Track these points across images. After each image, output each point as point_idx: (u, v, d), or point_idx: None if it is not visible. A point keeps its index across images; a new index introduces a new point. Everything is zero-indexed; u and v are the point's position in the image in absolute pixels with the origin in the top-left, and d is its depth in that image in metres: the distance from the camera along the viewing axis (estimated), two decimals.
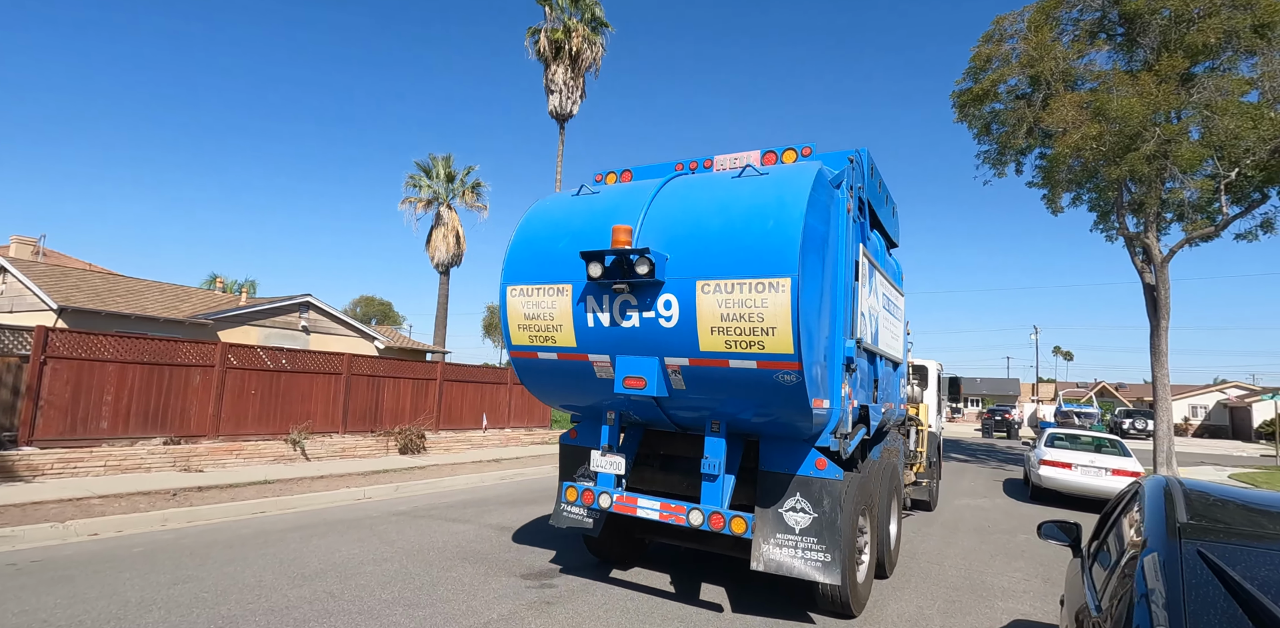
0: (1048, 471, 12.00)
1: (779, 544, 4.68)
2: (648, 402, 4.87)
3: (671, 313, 4.45)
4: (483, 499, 9.69)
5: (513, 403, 18.55)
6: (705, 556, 6.67)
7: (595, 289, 4.71)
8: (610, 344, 4.75)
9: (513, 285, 5.13)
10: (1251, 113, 14.56)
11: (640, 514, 4.87)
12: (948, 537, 8.66)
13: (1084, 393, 61.86)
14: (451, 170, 33.57)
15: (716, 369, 4.39)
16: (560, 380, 5.21)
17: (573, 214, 5.22)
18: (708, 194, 4.78)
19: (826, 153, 5.54)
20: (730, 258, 4.29)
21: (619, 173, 6.12)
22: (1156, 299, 16.60)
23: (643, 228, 4.73)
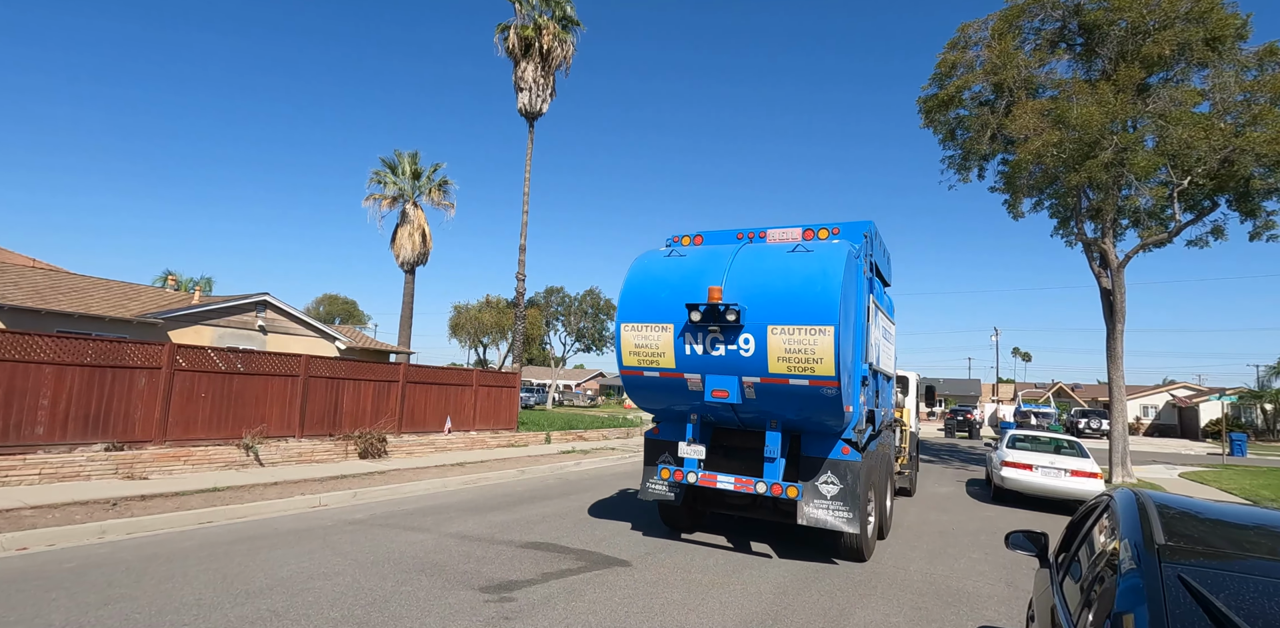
0: (1009, 472, 12.17)
1: (816, 506, 6.87)
2: (726, 407, 7.02)
3: (749, 347, 6.58)
4: (444, 506, 9.42)
5: (478, 405, 18.22)
6: (749, 524, 8.87)
7: (692, 328, 6.81)
8: (701, 366, 6.86)
9: (626, 322, 7.29)
10: (1203, 123, 15.01)
11: (719, 486, 7.00)
12: (924, 514, 8.85)
13: (1042, 393, 63.54)
14: (418, 167, 32.99)
15: (780, 385, 6.53)
16: (660, 392, 7.31)
17: (669, 271, 7.30)
18: (771, 263, 6.88)
19: (846, 223, 7.65)
20: (791, 311, 6.43)
21: (692, 236, 8.22)
22: (1113, 303, 17.02)
23: (726, 286, 6.75)
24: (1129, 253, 17.03)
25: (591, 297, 52.30)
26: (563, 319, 52.54)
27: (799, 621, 5.18)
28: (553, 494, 10.88)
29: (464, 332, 38.41)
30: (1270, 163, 14.35)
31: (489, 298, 41.01)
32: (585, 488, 11.81)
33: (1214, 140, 14.79)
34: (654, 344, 7.08)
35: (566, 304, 51.88)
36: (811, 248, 6.92)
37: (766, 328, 6.50)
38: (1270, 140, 14.22)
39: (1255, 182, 14.85)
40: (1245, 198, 15.67)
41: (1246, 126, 14.78)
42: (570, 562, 6.46)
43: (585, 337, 52.70)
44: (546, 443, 19.56)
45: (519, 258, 32.22)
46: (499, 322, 37.33)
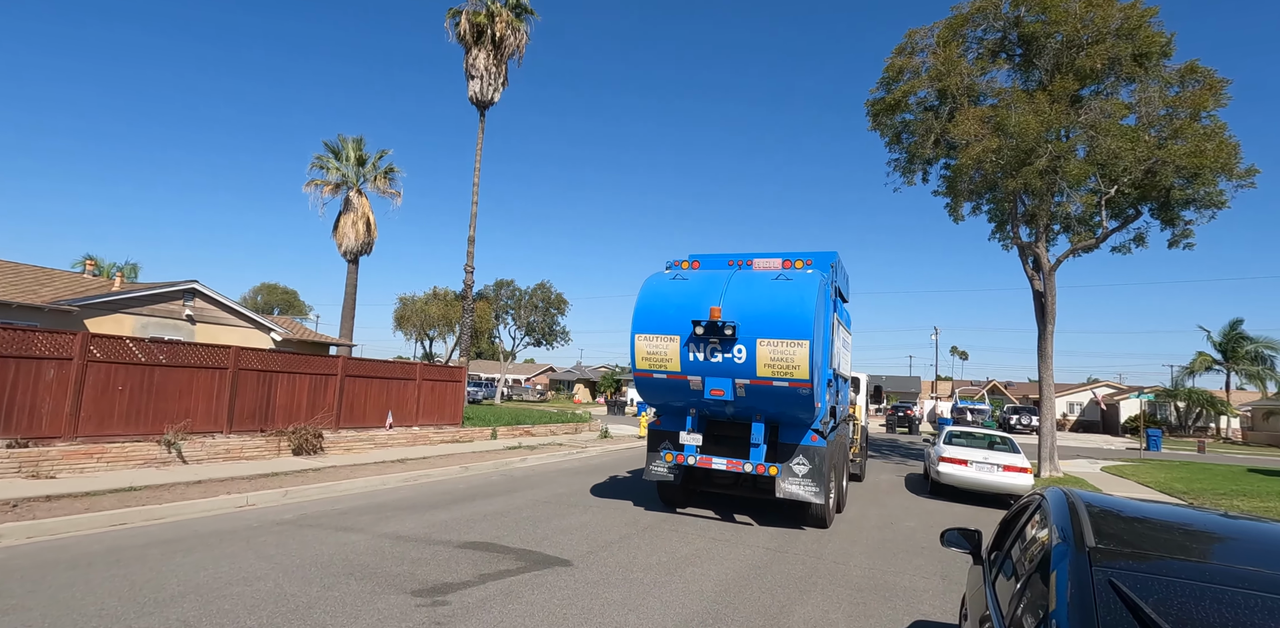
0: (946, 467, 12.55)
1: (790, 482, 8.55)
2: (720, 403, 8.62)
3: (742, 355, 8.20)
4: (381, 505, 9.09)
5: (422, 400, 17.75)
6: (733, 500, 10.55)
7: (695, 339, 8.41)
8: (702, 370, 8.47)
9: (640, 333, 8.82)
10: (1130, 135, 15.75)
11: (714, 466, 8.72)
12: (865, 509, 9.21)
13: (978, 391, 66.15)
14: (363, 153, 31.92)
15: (765, 386, 8.17)
16: (666, 390, 8.93)
17: (675, 291, 8.85)
18: (759, 289, 8.44)
19: (817, 254, 9.42)
20: (776, 328, 8.07)
21: (689, 260, 9.73)
22: (1044, 305, 17.75)
23: (724, 306, 8.32)
24: (1060, 257, 17.78)
25: (543, 290, 51.74)
26: (513, 313, 51.81)
27: (740, 619, 5.17)
28: (496, 492, 10.65)
29: (409, 324, 37.31)
30: (1189, 174, 15.15)
31: (436, 290, 40.11)
32: (530, 485, 11.62)
33: (1139, 152, 15.53)
34: (663, 352, 8.70)
35: (517, 298, 51.18)
36: (791, 277, 8.59)
37: (756, 341, 8.19)
38: (1190, 153, 15.01)
39: (1175, 192, 15.67)
40: (1166, 207, 16.53)
41: (1169, 140, 15.56)
42: (510, 562, 6.30)
43: (535, 331, 52.12)
44: (492, 439, 19.22)
45: (468, 250, 31.60)
46: (446, 314, 36.44)
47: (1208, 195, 15.50)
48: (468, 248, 31.39)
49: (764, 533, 8.50)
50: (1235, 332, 44.76)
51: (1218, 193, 15.39)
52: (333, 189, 31.07)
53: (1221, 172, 15.01)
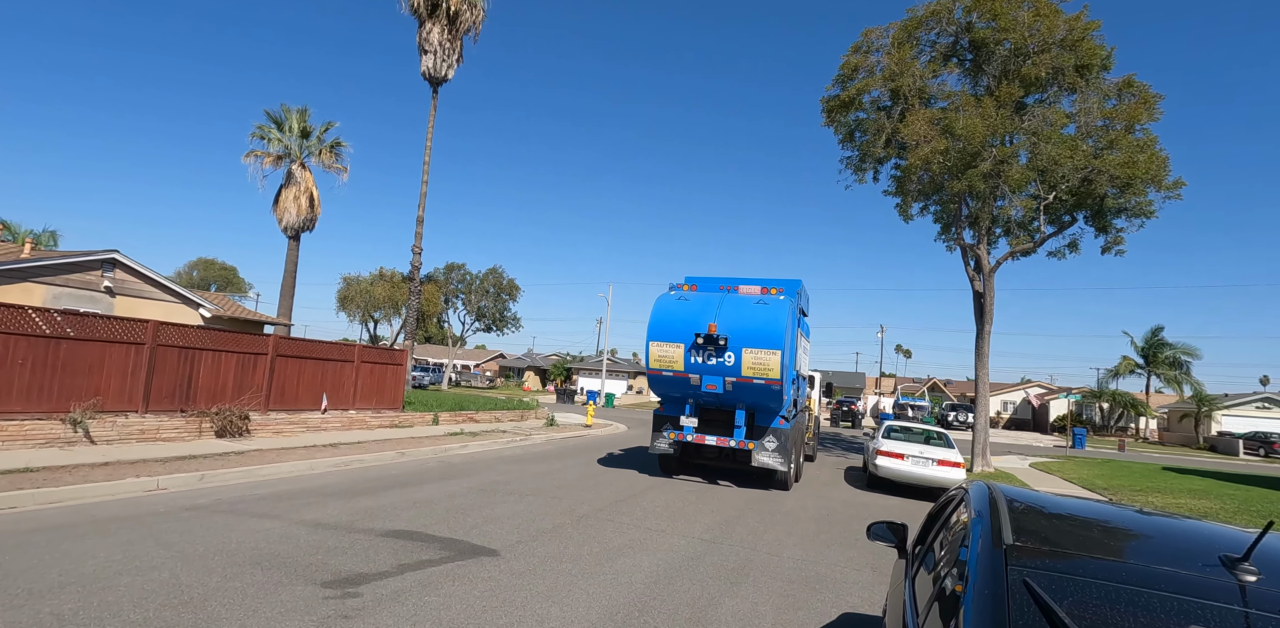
0: (883, 460, 12.78)
1: (763, 454, 11.27)
2: (712, 395, 11.19)
3: (731, 360, 10.75)
4: (305, 490, 8.68)
5: (360, 383, 17.16)
6: (717, 470, 13.40)
7: (696, 347, 10.92)
8: (700, 370, 11.01)
9: (653, 340, 11.38)
10: (1069, 143, 16.27)
11: (707, 442, 11.54)
12: (803, 501, 9.32)
13: (919, 388, 68.26)
14: (307, 125, 30.57)
15: (747, 383, 10.76)
16: (672, 384, 11.51)
17: (679, 310, 11.35)
18: (744, 310, 11.03)
19: (787, 283, 11.98)
20: (757, 340, 10.64)
21: (687, 284, 12.32)
22: (983, 305, 18.26)
23: (718, 322, 10.86)
24: (1000, 259, 18.31)
25: (494, 275, 50.81)
26: (463, 297, 50.76)
27: (667, 611, 5.06)
28: (430, 479, 10.33)
29: (353, 305, 36.00)
30: (1122, 184, 15.75)
31: (383, 270, 38.72)
32: (467, 472, 11.32)
33: (1077, 160, 16.06)
34: (671, 355, 11.31)
35: (468, 282, 50.13)
36: (767, 302, 11.32)
37: (742, 349, 10.92)
38: (1123, 164, 15.59)
39: (1109, 200, 16.28)
40: (1100, 215, 17.17)
41: (1104, 150, 16.13)
42: (433, 552, 6.05)
43: (486, 316, 51.22)
44: (434, 424, 18.75)
45: (416, 230, 30.68)
46: (392, 296, 35.30)
47: (1138, 205, 16.15)
48: (416, 228, 30.49)
49: (700, 524, 8.45)
50: (1156, 338, 47.21)
51: (1147, 203, 16.06)
52: (274, 161, 29.68)
53: (1151, 183, 15.65)
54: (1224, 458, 37.67)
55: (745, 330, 10.91)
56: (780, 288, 11.72)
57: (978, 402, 18.41)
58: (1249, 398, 49.00)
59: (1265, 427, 44.97)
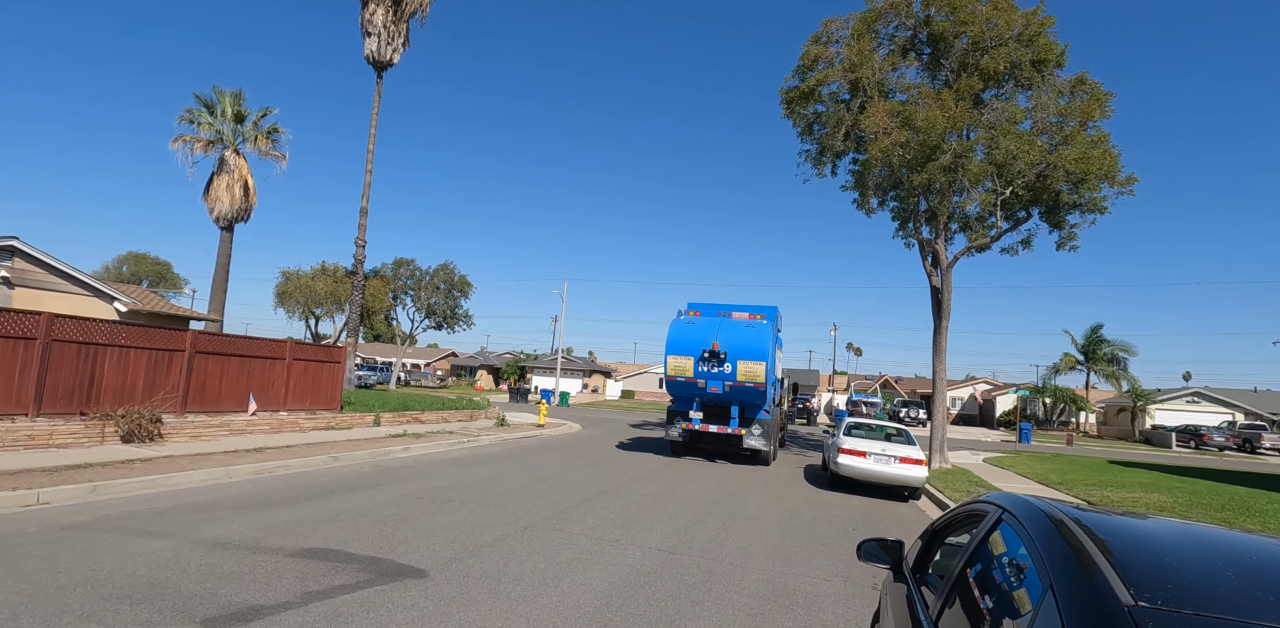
0: (845, 459, 12.38)
1: (751, 439, 15.29)
2: (714, 395, 15.24)
3: (729, 368, 14.75)
4: (214, 502, 7.69)
5: (293, 382, 15.97)
6: (718, 452, 16.89)
7: (703, 359, 14.87)
8: (705, 376, 14.96)
9: (671, 354, 15.23)
10: (1026, 139, 16.24)
11: (711, 430, 15.50)
12: (765, 503, 8.49)
13: (871, 385, 69.32)
14: (242, 109, 28.75)
15: (741, 386, 14.83)
16: (684, 387, 15.40)
17: (689, 331, 15.27)
18: (739, 332, 15.02)
19: (769, 309, 16.21)
20: (748, 354, 14.67)
21: (692, 308, 16.40)
22: (940, 301, 18.16)
23: (719, 340, 14.78)
24: (958, 254, 18.23)
25: (445, 271, 49.19)
26: (412, 294, 49.04)
27: None
28: (362, 486, 9.41)
29: (292, 301, 34.05)
30: (1076, 179, 15.79)
31: (325, 265, 36.74)
32: (406, 477, 10.41)
33: (1032, 156, 16.04)
34: (683, 365, 15.13)
35: (417, 278, 48.42)
36: (754, 326, 15.41)
37: (737, 361, 14.68)
38: (1078, 159, 15.62)
39: (1064, 196, 16.32)
40: (1054, 211, 17.23)
41: (1059, 146, 16.16)
42: (350, 575, 5.22)
43: (437, 313, 49.59)
44: (375, 426, 17.64)
45: (360, 222, 29.31)
46: (335, 292, 33.53)
47: (1092, 200, 16.24)
48: (360, 219, 29.08)
49: (657, 531, 7.81)
50: (1096, 335, 48.86)
51: (1101, 198, 16.15)
52: (205, 147, 27.82)
53: (1105, 178, 15.72)
54: (1159, 450, 39.12)
55: (739, 347, 14.83)
56: (763, 314, 16.10)
57: (935, 398, 18.30)
58: (1180, 393, 51.19)
59: (1195, 420, 47.01)
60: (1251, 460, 35.87)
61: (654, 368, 64.36)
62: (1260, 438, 41.63)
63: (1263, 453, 40.92)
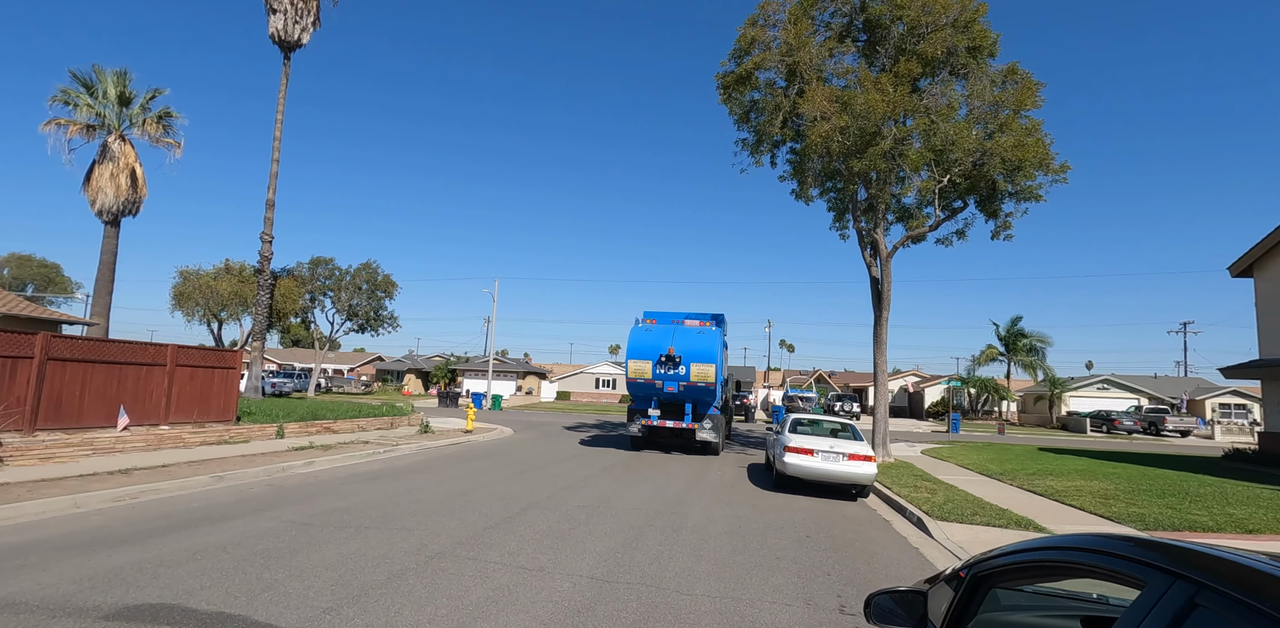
0: (792, 458, 11.64)
1: (703, 433, 17.04)
2: (670, 394, 17.12)
3: (684, 370, 16.70)
4: (35, 542, 6.13)
5: (176, 391, 14.07)
6: (673, 444, 18.45)
7: (660, 362, 16.78)
8: (663, 378, 16.83)
9: (631, 359, 17.15)
10: (963, 127, 16.04)
11: (667, 426, 17.36)
12: (709, 510, 7.44)
13: (805, 380, 70.28)
14: (127, 90, 25.94)
15: (694, 385, 16.81)
16: (643, 388, 17.15)
17: (648, 337, 17.11)
18: (691, 338, 16.92)
19: (717, 315, 18.32)
20: (699, 357, 16.67)
21: (649, 317, 18.36)
22: (881, 292, 17.83)
23: (674, 345, 16.72)
24: (897, 243, 17.97)
25: (368, 271, 46.40)
26: (332, 295, 46.09)
27: None
28: (242, 511, 7.94)
29: (192, 303, 30.96)
30: (1013, 167, 15.68)
31: (229, 263, 33.57)
32: (300, 498, 8.97)
33: (969, 144, 15.85)
34: (643, 368, 16.74)
35: (337, 277, 45.50)
36: (704, 332, 17.02)
37: (690, 363, 16.35)
38: (1014, 146, 15.51)
39: (1000, 184, 16.21)
40: (990, 199, 17.16)
41: (995, 133, 16.03)
42: None
43: (359, 315, 46.77)
44: (278, 438, 15.86)
45: (266, 215, 26.98)
46: (240, 292, 30.66)
47: (1028, 189, 16.18)
48: (266, 213, 26.74)
49: (591, 553, 6.74)
50: (1016, 327, 50.77)
51: (1036, 186, 16.11)
52: (83, 131, 24.93)
53: (1040, 166, 15.67)
54: (1076, 436, 40.85)
55: (692, 351, 16.64)
56: (712, 321, 18.05)
57: (877, 390, 17.96)
58: (1091, 380, 53.92)
59: (1104, 406, 49.54)
60: (1159, 442, 37.87)
61: (590, 368, 63.12)
62: (1164, 421, 44.18)
63: (1166, 435, 43.44)
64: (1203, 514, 10.13)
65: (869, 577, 6.49)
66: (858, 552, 7.65)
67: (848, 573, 6.59)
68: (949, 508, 10.21)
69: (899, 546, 8.22)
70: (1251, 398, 51.52)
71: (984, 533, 8.92)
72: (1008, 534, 8.90)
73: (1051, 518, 9.94)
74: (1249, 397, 51.76)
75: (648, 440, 17.92)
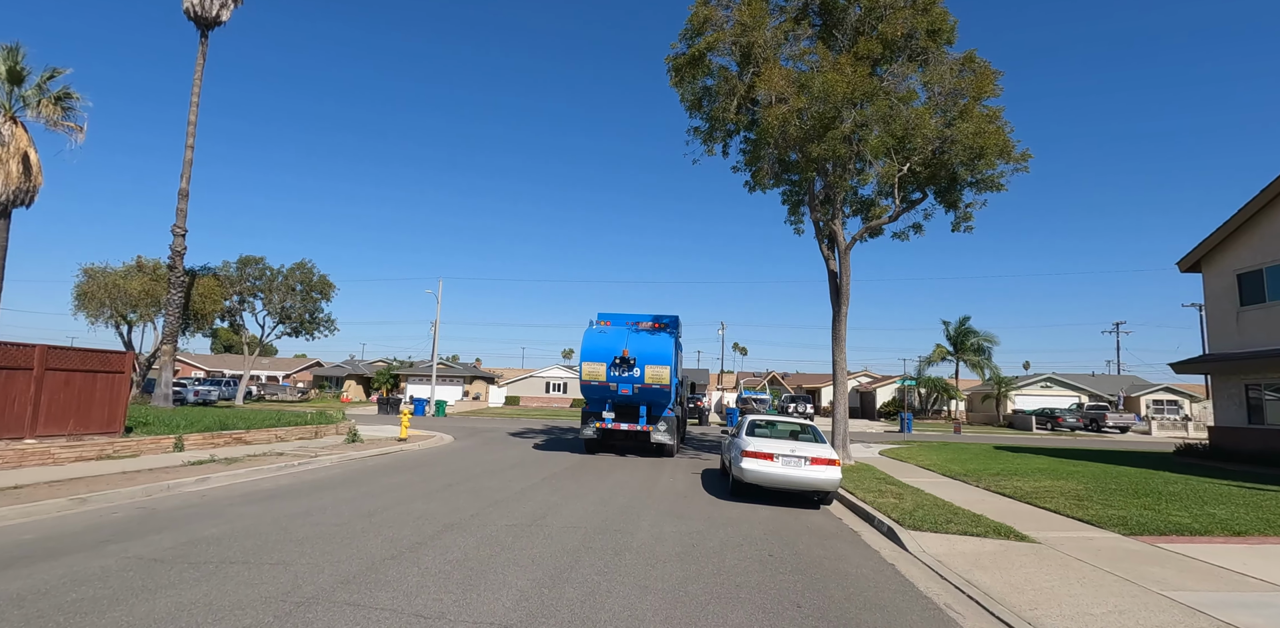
0: (751, 463, 10.57)
1: (658, 435, 17.05)
2: (625, 397, 17.07)
3: (638, 373, 16.70)
4: None
5: (47, 399, 12.20)
6: (628, 447, 18.56)
7: (614, 365, 16.70)
8: (617, 380, 16.78)
9: (585, 361, 16.90)
10: (923, 113, 15.40)
11: (622, 428, 17.12)
12: (659, 524, 6.20)
13: (759, 382, 70.10)
14: (19, 67, 23.42)
15: (648, 388, 16.80)
16: (598, 391, 17.14)
17: (602, 339, 17.06)
18: (645, 339, 17.14)
19: (670, 318, 18.62)
20: (654, 359, 16.78)
21: (603, 318, 18.46)
22: (839, 287, 17.07)
23: (629, 347, 16.77)
24: (855, 235, 17.25)
25: (302, 271, 43.82)
26: (262, 296, 43.32)
27: None
28: (81, 545, 6.38)
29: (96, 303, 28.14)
30: (974, 155, 15.11)
31: (141, 261, 30.65)
32: (167, 525, 7.42)
33: (929, 131, 15.22)
34: (597, 371, 16.68)
35: (268, 278, 42.80)
36: (658, 334, 17.32)
37: (645, 365, 16.45)
38: (975, 133, 14.95)
39: (961, 173, 15.63)
40: (950, 189, 16.60)
41: (956, 120, 15.44)
42: None
43: (292, 318, 44.11)
44: (176, 451, 14.03)
45: (179, 206, 24.72)
46: (153, 291, 28.02)
47: (989, 178, 15.65)
48: (179, 203, 24.47)
49: (511, 589, 5.49)
50: (964, 326, 51.42)
51: (998, 175, 15.59)
52: None
53: (1001, 155, 15.14)
54: (1023, 433, 41.37)
55: (646, 353, 16.69)
56: (666, 323, 18.29)
57: (836, 389, 17.18)
58: (1035, 379, 55.11)
59: (1048, 403, 50.57)
60: (1102, 438, 38.60)
61: (540, 372, 61.41)
62: (1105, 418, 45.23)
63: (1107, 431, 44.46)
64: (1184, 515, 9.50)
65: (845, 607, 5.43)
66: (829, 572, 6.60)
67: (821, 603, 5.51)
68: (920, 515, 9.31)
69: (873, 562, 7.22)
70: (1183, 395, 53.47)
71: (962, 544, 8.02)
72: (987, 544, 8.02)
73: (1030, 524, 9.13)
74: (1181, 393, 53.69)
75: (602, 444, 17.80)
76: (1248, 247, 18.27)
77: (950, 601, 5.90)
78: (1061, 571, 6.83)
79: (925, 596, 6.00)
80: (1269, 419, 17.35)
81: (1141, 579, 6.50)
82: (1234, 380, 18.48)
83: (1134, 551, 7.77)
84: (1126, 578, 6.54)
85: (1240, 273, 18.40)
